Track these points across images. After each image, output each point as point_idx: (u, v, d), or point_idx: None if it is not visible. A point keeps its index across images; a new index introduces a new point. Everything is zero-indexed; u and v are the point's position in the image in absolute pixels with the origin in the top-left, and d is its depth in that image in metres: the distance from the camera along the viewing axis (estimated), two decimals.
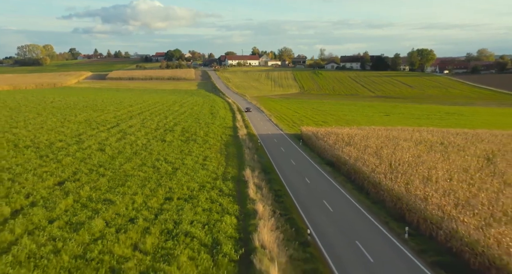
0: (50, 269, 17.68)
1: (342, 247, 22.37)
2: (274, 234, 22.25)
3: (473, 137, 51.60)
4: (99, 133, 57.13)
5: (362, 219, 26.91)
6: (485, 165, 35.32)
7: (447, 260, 20.37)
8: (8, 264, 17.96)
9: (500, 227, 20.51)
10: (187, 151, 46.65)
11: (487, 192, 26.72)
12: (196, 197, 29.24)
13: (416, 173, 31.44)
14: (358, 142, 46.16)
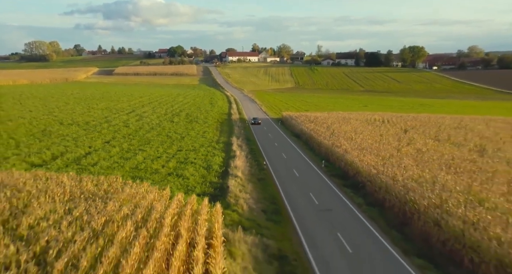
0: (120, 171, 34.00)
1: (283, 171, 38.66)
2: (244, 163, 38.58)
3: (412, 118, 67.65)
4: (120, 116, 73.44)
5: (302, 160, 43.29)
6: (400, 133, 51.49)
7: (339, 173, 36.76)
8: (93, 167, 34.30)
9: (369, 156, 36.69)
10: (190, 128, 62.88)
11: (384, 145, 42.84)
12: (198, 149, 45.54)
13: (345, 136, 47.65)
14: (319, 120, 62.43)
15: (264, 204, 28.88)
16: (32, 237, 14.66)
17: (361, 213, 27.48)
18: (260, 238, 22.03)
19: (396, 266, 20.13)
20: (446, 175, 28.93)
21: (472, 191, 24.97)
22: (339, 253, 21.46)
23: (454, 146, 43.41)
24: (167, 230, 15.80)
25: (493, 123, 62.50)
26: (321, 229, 24.61)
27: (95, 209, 17.88)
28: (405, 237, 23.41)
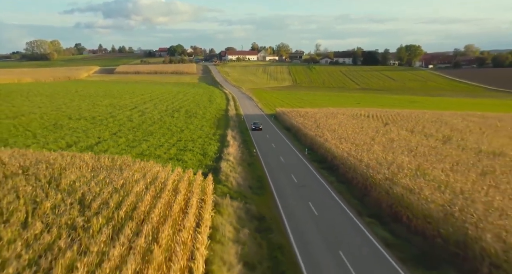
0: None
1: (271, 158, 44.11)
2: (236, 151, 44.03)
3: (395, 113, 73.01)
4: (124, 112, 78.87)
5: (289, 149, 48.79)
6: (379, 126, 56.91)
7: (319, 159, 42.26)
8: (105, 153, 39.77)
9: (346, 144, 42.13)
10: (189, 122, 68.30)
11: (361, 135, 48.20)
12: (196, 140, 50.98)
13: (329, 128, 53.07)
14: (309, 115, 67.88)
15: (251, 182, 34.36)
16: (71, 191, 20.01)
17: (331, 188, 32.95)
18: (244, 204, 27.48)
19: (351, 223, 25.57)
20: (405, 157, 34.36)
21: (421, 168, 30.40)
22: (307, 215, 26.90)
23: (424, 136, 48.85)
24: (169, 188, 21.21)
25: (469, 118, 67.91)
26: (295, 200, 30.05)
27: (114, 175, 23.30)
28: (362, 204, 28.88)
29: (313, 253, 21.30)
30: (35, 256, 13.25)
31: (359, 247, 22.07)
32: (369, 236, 23.55)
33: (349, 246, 22.09)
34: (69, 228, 15.65)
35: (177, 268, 13.35)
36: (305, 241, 22.76)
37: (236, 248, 19.98)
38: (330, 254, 21.21)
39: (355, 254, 21.08)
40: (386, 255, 21.03)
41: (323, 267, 19.78)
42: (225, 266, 17.88)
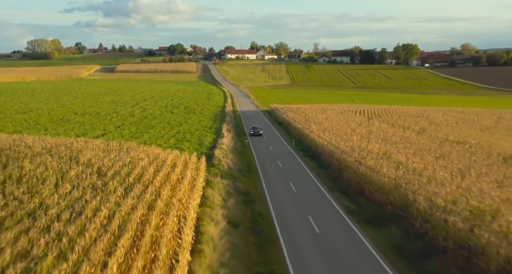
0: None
1: (261, 147, 48.92)
2: (230, 141, 48.82)
3: (383, 109, 77.76)
4: (126, 108, 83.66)
5: (279, 140, 53.63)
6: (363, 120, 61.68)
7: (304, 148, 47.07)
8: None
9: (328, 135, 46.87)
10: (188, 117, 73.07)
11: (344, 128, 52.95)
12: (193, 132, 55.77)
13: (318, 123, 57.79)
14: (300, 111, 72.68)
15: (241, 166, 39.18)
16: (89, 165, 24.76)
17: (311, 172, 37.74)
18: (233, 182, 32.29)
19: (322, 197, 30.34)
20: (376, 145, 39.14)
21: (387, 153, 35.15)
22: (287, 192, 31.66)
23: (402, 128, 53.64)
24: (168, 164, 25.97)
25: (450, 113, 72.65)
26: (278, 180, 34.84)
27: (122, 154, 28.05)
28: (335, 183, 33.69)
29: (287, 218, 26.08)
30: (69, 204, 17.96)
31: (325, 213, 26.87)
32: (335, 206, 28.36)
33: (317, 213, 26.87)
34: (91, 188, 20.38)
35: (174, 214, 18.08)
36: (281, 210, 27.52)
37: (223, 211, 24.78)
38: (301, 218, 26.00)
39: (321, 218, 25.87)
40: (346, 219, 25.83)
41: (292, 227, 24.56)
42: (212, 222, 22.66)
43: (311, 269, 19.28)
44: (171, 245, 15.62)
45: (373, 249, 21.54)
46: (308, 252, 21.03)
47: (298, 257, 20.54)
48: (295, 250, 21.32)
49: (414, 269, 19.18)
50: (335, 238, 22.94)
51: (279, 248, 21.76)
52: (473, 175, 26.98)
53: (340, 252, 21.06)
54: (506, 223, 17.93)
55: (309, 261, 20.13)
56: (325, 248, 21.55)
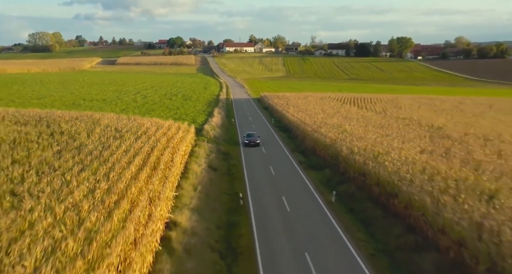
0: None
1: (245, 125, 58.54)
2: (219, 120, 58.40)
3: (360, 96, 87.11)
4: (129, 96, 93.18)
5: (261, 120, 63.26)
6: (338, 105, 71.14)
7: (281, 125, 56.76)
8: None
9: (302, 114, 56.41)
10: (185, 103, 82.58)
11: (318, 110, 62.34)
12: (189, 114, 65.31)
13: (296, 106, 67.25)
14: (285, 98, 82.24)
15: (225, 137, 48.85)
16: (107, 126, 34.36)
17: (281, 141, 47.42)
18: (216, 146, 41.93)
19: (284, 155, 40.01)
20: (335, 120, 48.66)
21: (340, 125, 44.66)
22: (258, 153, 41.29)
23: (368, 110, 63.12)
24: (166, 127, 35.62)
25: (419, 100, 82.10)
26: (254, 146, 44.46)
27: (131, 121, 37.62)
28: (297, 147, 43.41)
29: (254, 167, 35.72)
30: (99, 144, 27.48)
31: (283, 164, 36.58)
32: (292, 160, 38.06)
33: (277, 164, 36.55)
34: (112, 137, 29.89)
35: (168, 151, 27.68)
36: (251, 163, 37.14)
37: (206, 160, 34.42)
38: (264, 167, 35.64)
39: (279, 167, 35.51)
40: (296, 167, 35.52)
41: (256, 172, 34.14)
42: (197, 165, 32.26)
43: (265, 193, 28.80)
44: (166, 166, 25.22)
45: (309, 182, 31.20)
46: (264, 186, 30.60)
47: (257, 187, 30.11)
48: (255, 183, 30.93)
49: (330, 191, 28.73)
50: (286, 177, 32.57)
51: (244, 182, 31.38)
52: (393, 136, 36.55)
53: (287, 185, 30.63)
54: (387, 158, 27.44)
55: (264, 189, 29.72)
56: (277, 182, 31.20)
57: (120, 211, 16.61)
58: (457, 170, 23.99)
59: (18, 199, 16.93)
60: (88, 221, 15.13)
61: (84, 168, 21.71)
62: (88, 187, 18.87)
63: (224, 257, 19.31)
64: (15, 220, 14.65)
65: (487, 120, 52.63)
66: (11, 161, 22.54)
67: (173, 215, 21.04)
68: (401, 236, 20.59)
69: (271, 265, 18.41)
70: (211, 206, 25.05)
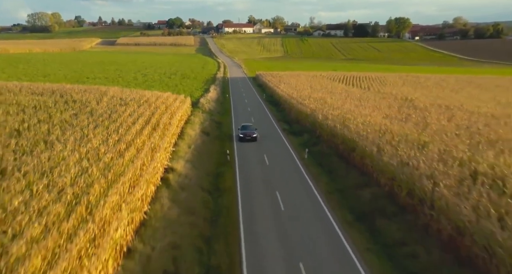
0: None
1: (239, 100, 63.32)
2: (214, 95, 63.16)
3: (350, 75, 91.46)
4: (129, 74, 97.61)
5: (254, 96, 68.00)
6: (327, 82, 75.68)
7: (271, 100, 61.56)
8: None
9: (291, 90, 61.08)
10: (183, 81, 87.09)
11: (306, 86, 66.93)
12: (187, 90, 69.94)
13: (288, 84, 71.81)
14: (278, 76, 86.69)
15: (219, 109, 53.72)
16: (113, 97, 39.20)
17: (270, 113, 52.35)
18: (210, 116, 46.85)
19: (271, 123, 45.01)
20: (320, 94, 53.40)
21: (322, 98, 49.43)
22: (247, 118, 46.18)
23: (354, 86, 67.76)
24: (165, 97, 40.50)
25: (405, 77, 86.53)
26: (245, 117, 49.32)
27: (133, 93, 42.50)
28: (283, 118, 48.41)
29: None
30: (107, 110, 32.39)
31: (268, 130, 41.61)
32: (277, 127, 43.07)
33: (264, 130, 41.43)
34: (118, 104, 34.79)
35: (167, 116, 32.56)
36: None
37: (200, 127, 39.36)
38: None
39: (265, 133, 40.41)
40: (279, 132, 40.59)
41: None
42: (192, 130, 37.21)
43: (249, 152, 33.84)
44: (165, 126, 30.19)
45: (289, 144, 36.25)
46: (249, 147, 35.61)
47: (243, 148, 35.13)
48: (242, 145, 35.91)
49: (303, 149, 33.72)
50: (269, 140, 37.60)
51: (232, 144, 36.38)
52: (366, 106, 41.40)
53: (270, 146, 35.64)
54: (353, 122, 32.34)
55: (249, 149, 34.75)
56: (262, 144, 36.20)
57: (129, 154, 21.62)
58: (406, 129, 28.96)
59: (49, 145, 21.90)
60: (105, 158, 20.15)
61: (97, 125, 26.67)
62: (102, 138, 23.85)
63: (211, 194, 24.45)
64: (51, 156, 19.66)
65: (460, 94, 57.34)
66: (37, 120, 27.49)
67: (171, 163, 26.11)
68: (354, 179, 25.71)
69: (248, 198, 23.56)
70: (203, 160, 30.12)
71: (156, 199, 20.47)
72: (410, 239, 17.93)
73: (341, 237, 19.01)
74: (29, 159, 18.84)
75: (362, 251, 17.82)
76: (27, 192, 15.15)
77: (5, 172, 17.16)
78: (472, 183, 17.71)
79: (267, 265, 16.61)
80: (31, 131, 24.44)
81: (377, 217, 20.54)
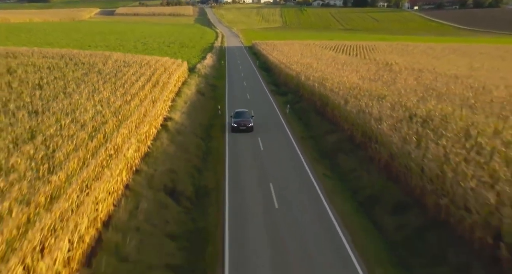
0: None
1: (233, 67, 67.44)
2: (210, 62, 67.11)
3: (342, 44, 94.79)
4: (129, 43, 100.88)
5: (248, 62, 71.99)
6: (318, 50, 79.30)
7: (264, 66, 65.68)
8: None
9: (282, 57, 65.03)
10: (181, 50, 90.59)
11: (297, 53, 70.71)
12: (185, 58, 73.74)
13: (280, 51, 75.49)
14: (273, 44, 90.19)
15: (214, 74, 57.94)
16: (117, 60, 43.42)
17: (261, 77, 56.63)
18: (206, 80, 51.14)
19: (260, 86, 49.40)
20: (307, 60, 57.40)
21: (308, 63, 53.50)
22: (240, 86, 50.50)
23: (343, 54, 71.59)
24: (164, 61, 44.78)
25: (395, 46, 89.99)
26: (238, 81, 53.68)
27: (135, 57, 46.73)
28: (273, 81, 52.81)
29: (235, 94, 45.09)
30: (113, 70, 36.71)
31: (258, 91, 46.13)
32: (266, 89, 47.50)
33: (254, 91, 46.07)
34: (123, 66, 39.16)
35: (165, 75, 36.92)
36: (233, 92, 46.47)
37: (195, 87, 43.73)
38: (243, 93, 45.00)
39: (254, 93, 44.96)
40: (267, 93, 45.08)
41: (236, 97, 43.47)
42: (189, 90, 41.61)
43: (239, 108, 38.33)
44: (164, 84, 34.61)
45: (275, 102, 40.81)
46: (239, 104, 40.04)
47: (233, 105, 39.56)
48: (233, 103, 40.36)
49: (287, 106, 38.20)
50: (258, 99, 42.12)
51: (224, 102, 40.87)
52: (346, 69, 45.63)
53: (258, 104, 40.10)
54: (330, 81, 36.66)
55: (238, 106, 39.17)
56: (251, 102, 40.68)
57: (134, 103, 26.14)
58: (374, 87, 33.35)
59: (68, 95, 26.40)
60: (115, 105, 24.68)
61: (105, 82, 31.12)
62: (111, 91, 28.32)
63: (203, 140, 29.13)
64: (70, 102, 24.19)
65: (441, 60, 61.31)
66: (53, 77, 31.89)
67: (169, 114, 30.69)
68: (325, 127, 30.39)
69: (234, 142, 28.27)
70: (197, 113, 34.71)
71: (157, 139, 25.13)
72: (359, 167, 22.68)
73: (306, 167, 23.77)
74: (54, 104, 23.38)
75: (320, 176, 22.61)
76: (57, 125, 19.73)
77: (38, 112, 21.73)
78: (408, 122, 22.28)
79: (246, 185, 21.40)
80: (51, 85, 28.87)
81: (337, 154, 25.31)
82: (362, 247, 15.56)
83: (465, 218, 14.33)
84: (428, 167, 16.92)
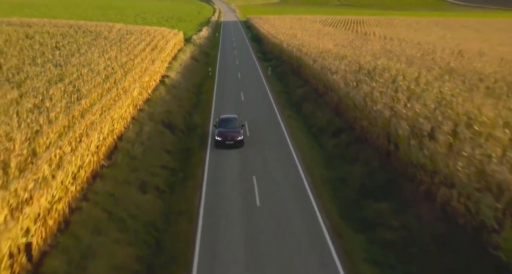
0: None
1: (228, 38, 72.74)
2: (206, 33, 72.36)
3: (334, 18, 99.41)
4: (129, 18, 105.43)
5: (241, 35, 77.18)
6: (308, 23, 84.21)
7: (255, 38, 70.88)
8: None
9: (273, 30, 70.23)
10: (179, 24, 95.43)
11: (287, 26, 75.70)
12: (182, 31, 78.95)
13: (272, 25, 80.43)
14: (266, 18, 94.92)
15: (209, 44, 63.37)
16: (120, 30, 48.98)
17: (251, 48, 62.15)
18: (200, 48, 56.65)
19: (250, 55, 54.88)
20: (296, 32, 62.61)
21: (294, 34, 58.74)
22: (231, 53, 56.01)
23: (329, 26, 76.59)
24: (161, 30, 50.26)
25: (383, 20, 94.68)
26: (230, 50, 59.12)
27: (136, 27, 52.12)
28: (262, 51, 58.18)
29: (225, 61, 50.63)
30: (117, 36, 42.32)
31: (246, 58, 51.71)
32: (253, 56, 53.13)
33: (243, 58, 51.58)
34: (125, 34, 44.65)
35: (162, 42, 42.53)
36: (224, 59, 51.98)
37: (190, 54, 49.31)
38: (233, 60, 50.57)
39: (243, 60, 50.50)
40: (254, 59, 50.68)
41: (226, 63, 49.12)
42: (184, 55, 47.21)
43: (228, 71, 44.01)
44: (162, 46, 40.26)
45: (259, 66, 46.48)
46: (229, 68, 45.71)
47: (223, 69, 45.24)
48: (223, 67, 46.02)
49: (268, 68, 43.88)
50: (245, 64, 47.83)
51: (216, 67, 46.53)
52: (326, 39, 51.04)
53: (244, 68, 45.78)
54: (306, 47, 42.19)
55: (228, 69, 44.87)
56: (239, 67, 46.32)
57: (137, 61, 31.92)
58: (342, 51, 38.98)
59: (82, 53, 32.15)
60: (121, 61, 30.46)
61: (112, 45, 36.80)
62: (117, 51, 34.05)
63: (195, 94, 35.01)
64: (86, 58, 29.98)
65: (418, 32, 66.51)
66: (67, 42, 37.56)
67: (166, 73, 36.49)
68: (297, 84, 36.24)
69: (220, 96, 34.15)
70: (191, 74, 40.50)
71: (156, 90, 31.04)
72: (317, 110, 28.63)
73: (276, 111, 29.75)
74: (73, 59, 29.20)
75: (286, 118, 28.57)
76: (78, 73, 25.57)
77: (61, 64, 27.58)
78: (356, 73, 28.09)
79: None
80: (66, 47, 34.59)
81: (303, 102, 31.25)
82: (307, 159, 21.60)
83: (375, 131, 20.37)
84: (357, 100, 22.87)
